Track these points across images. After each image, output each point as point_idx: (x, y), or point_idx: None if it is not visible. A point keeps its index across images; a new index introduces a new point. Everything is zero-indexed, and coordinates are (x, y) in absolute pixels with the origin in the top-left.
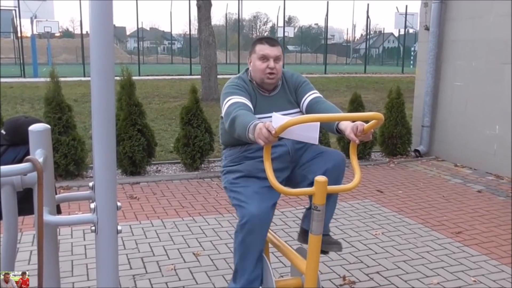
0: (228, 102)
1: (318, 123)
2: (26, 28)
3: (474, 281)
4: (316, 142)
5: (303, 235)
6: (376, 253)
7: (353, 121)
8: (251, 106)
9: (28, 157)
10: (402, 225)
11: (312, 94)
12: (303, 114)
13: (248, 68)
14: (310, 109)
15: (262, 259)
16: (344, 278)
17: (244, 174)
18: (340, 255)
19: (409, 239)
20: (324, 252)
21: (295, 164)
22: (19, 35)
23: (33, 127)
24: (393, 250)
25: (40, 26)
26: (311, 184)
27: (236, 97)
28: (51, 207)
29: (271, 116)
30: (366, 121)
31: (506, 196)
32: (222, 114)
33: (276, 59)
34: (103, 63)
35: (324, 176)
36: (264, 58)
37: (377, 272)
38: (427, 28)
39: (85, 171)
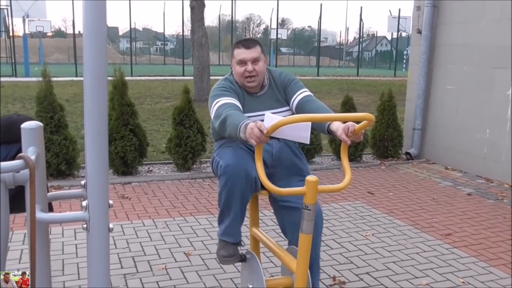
0: (217, 104)
1: (310, 123)
2: (18, 27)
3: (463, 282)
4: (307, 142)
5: None
6: (366, 254)
7: (345, 122)
8: (240, 105)
9: (20, 154)
10: (392, 227)
11: (303, 93)
12: (293, 112)
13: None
14: (301, 108)
15: (245, 209)
16: (334, 278)
17: (229, 145)
18: (330, 256)
19: (399, 241)
20: None
21: (274, 170)
22: (10, 34)
23: (25, 125)
24: (383, 251)
25: (32, 26)
26: (286, 201)
27: (225, 98)
28: (43, 205)
29: (260, 115)
30: (357, 122)
31: (496, 199)
32: (212, 116)
33: (254, 61)
34: (96, 63)
35: (314, 176)
36: (242, 62)
37: (367, 273)
38: (419, 32)
39: (77, 170)
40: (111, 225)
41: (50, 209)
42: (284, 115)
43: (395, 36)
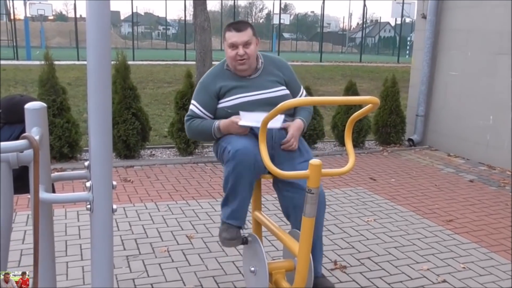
0: (190, 106)
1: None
2: (19, 11)
3: (464, 267)
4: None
5: None
6: (367, 239)
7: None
8: (205, 116)
9: (24, 134)
10: (394, 213)
11: (301, 96)
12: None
13: None
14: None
15: (251, 193)
16: (335, 263)
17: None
18: (331, 241)
19: (401, 226)
20: None
21: (274, 151)
22: (12, 17)
23: (29, 105)
24: (385, 236)
25: (33, 9)
26: (289, 184)
27: (194, 106)
28: (47, 185)
29: (255, 94)
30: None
31: (498, 186)
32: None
33: (246, 44)
34: (100, 45)
35: (318, 160)
36: (233, 45)
37: (368, 258)
38: (424, 17)
39: (79, 153)
40: (114, 206)
41: (53, 192)
42: (279, 95)
43: (398, 22)
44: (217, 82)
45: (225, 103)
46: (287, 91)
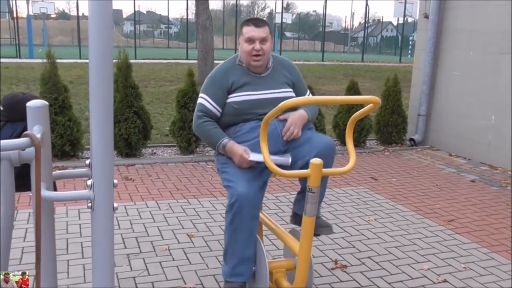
0: (199, 100)
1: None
2: (22, 9)
3: (464, 267)
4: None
5: (295, 218)
6: (368, 238)
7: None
8: (216, 111)
9: (26, 132)
10: (395, 212)
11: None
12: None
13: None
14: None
15: (254, 241)
16: (336, 262)
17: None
18: (332, 240)
19: (402, 226)
20: (316, 234)
21: (287, 148)
22: (14, 15)
23: (31, 103)
24: (385, 236)
25: (36, 7)
26: (301, 168)
27: (206, 100)
28: (49, 183)
29: (263, 93)
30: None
31: (499, 186)
32: (196, 108)
33: (263, 40)
34: (101, 43)
35: (319, 159)
36: (250, 40)
37: (369, 257)
38: (426, 16)
39: (81, 152)
40: (115, 205)
41: (54, 190)
42: (286, 96)
43: (401, 21)
44: (229, 76)
45: (233, 98)
46: (293, 94)
